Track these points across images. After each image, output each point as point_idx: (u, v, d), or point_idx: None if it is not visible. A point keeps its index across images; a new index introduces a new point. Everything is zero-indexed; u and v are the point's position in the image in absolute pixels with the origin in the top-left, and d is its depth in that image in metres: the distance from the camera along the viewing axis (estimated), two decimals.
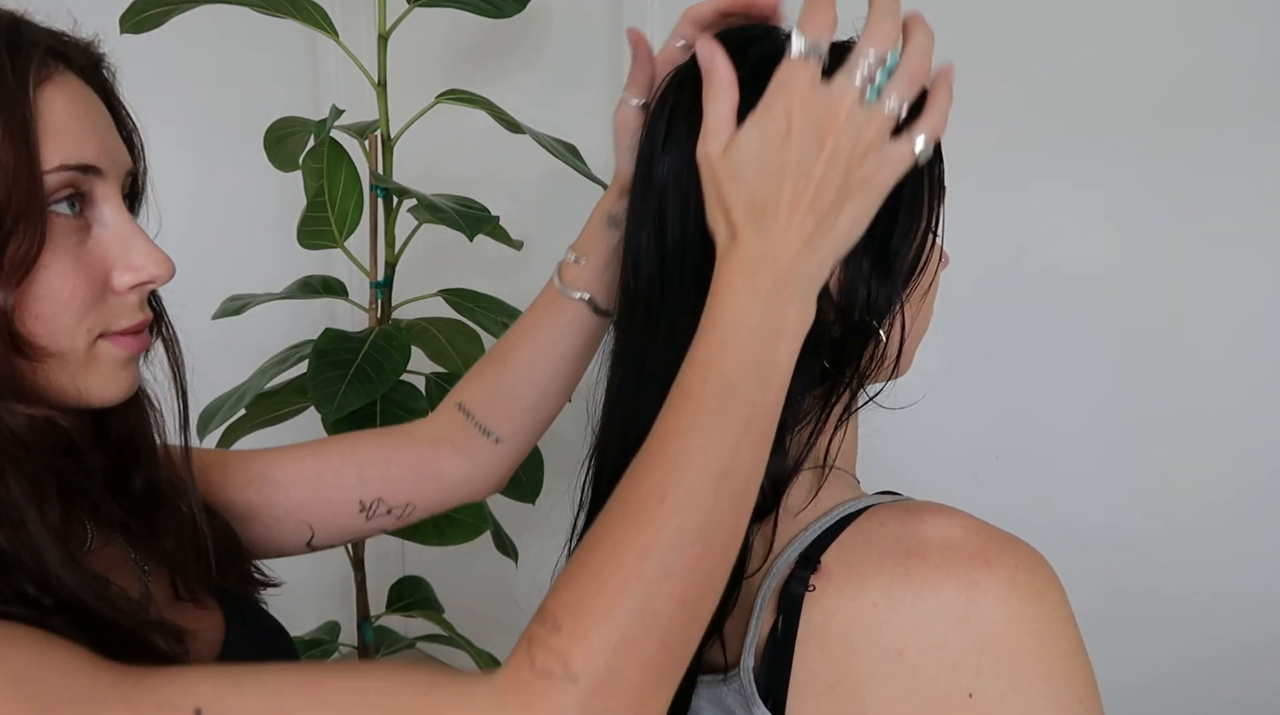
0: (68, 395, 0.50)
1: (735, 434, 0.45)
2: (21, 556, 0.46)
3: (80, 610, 0.47)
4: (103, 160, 0.49)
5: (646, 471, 0.45)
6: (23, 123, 0.45)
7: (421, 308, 1.43)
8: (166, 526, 0.60)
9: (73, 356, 0.49)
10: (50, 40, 0.49)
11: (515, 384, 0.71)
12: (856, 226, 0.48)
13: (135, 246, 0.51)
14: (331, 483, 0.71)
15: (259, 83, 1.95)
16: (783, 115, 0.46)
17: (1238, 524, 1.20)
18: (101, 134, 0.50)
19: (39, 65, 0.47)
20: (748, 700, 0.52)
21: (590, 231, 0.68)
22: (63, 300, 0.48)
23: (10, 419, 0.46)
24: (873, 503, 0.54)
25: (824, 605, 0.50)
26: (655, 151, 0.55)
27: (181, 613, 0.59)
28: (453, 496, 0.75)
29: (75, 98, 0.49)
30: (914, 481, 1.10)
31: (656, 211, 0.55)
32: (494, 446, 0.73)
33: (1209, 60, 1.14)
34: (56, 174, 0.47)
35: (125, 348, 0.52)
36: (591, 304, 0.68)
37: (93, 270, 0.50)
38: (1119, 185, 1.22)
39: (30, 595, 0.45)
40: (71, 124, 0.48)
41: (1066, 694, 0.46)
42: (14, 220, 0.44)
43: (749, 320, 0.46)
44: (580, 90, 1.74)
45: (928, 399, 1.41)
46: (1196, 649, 1.26)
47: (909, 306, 0.55)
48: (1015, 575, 0.47)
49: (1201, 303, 1.19)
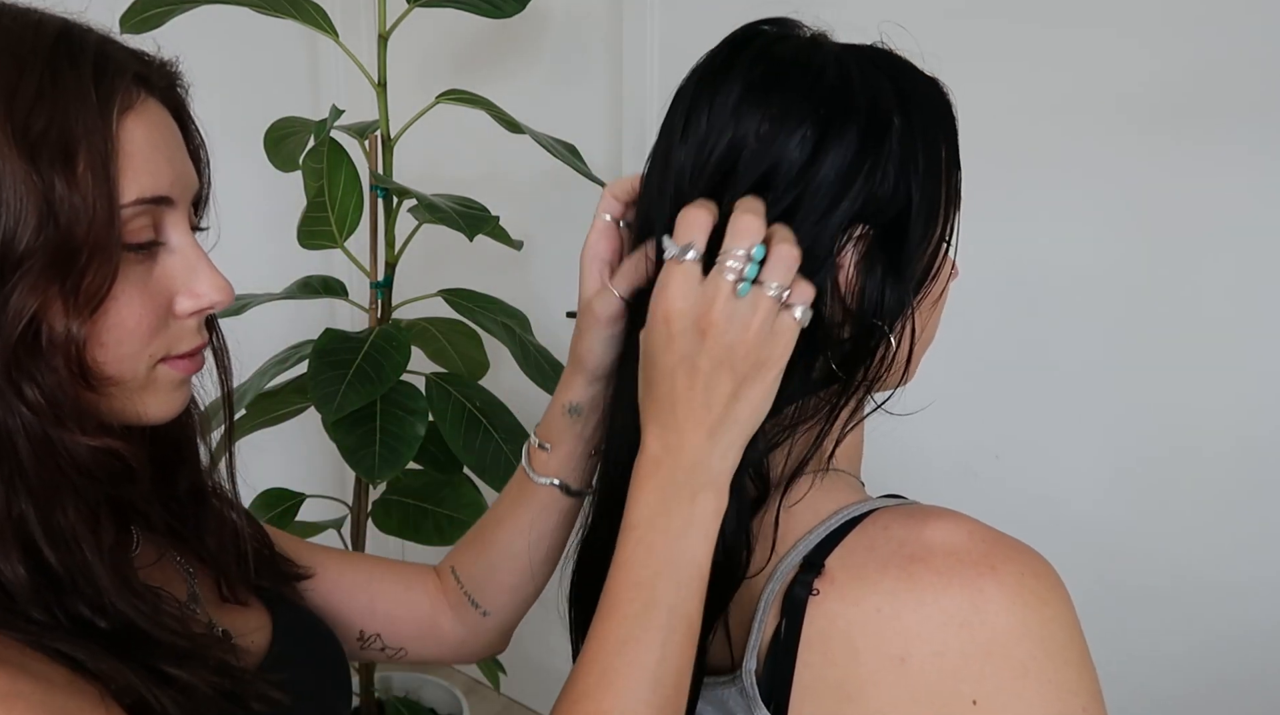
0: (125, 416, 0.50)
1: (660, 640, 0.48)
2: (76, 580, 0.46)
3: (132, 631, 0.47)
4: (175, 189, 0.49)
5: (582, 691, 0.48)
6: (104, 157, 0.45)
7: (421, 308, 1.43)
8: (210, 528, 0.60)
9: (133, 381, 0.49)
10: (136, 66, 0.49)
11: (496, 563, 0.72)
12: (759, 409, 0.50)
13: (200, 273, 0.51)
14: (343, 601, 0.72)
15: (259, 83, 1.95)
16: (663, 319, 0.49)
17: (1238, 524, 1.20)
18: (175, 161, 0.50)
19: (123, 94, 0.47)
20: (750, 703, 0.52)
21: (551, 419, 0.67)
22: (128, 328, 0.48)
23: (74, 449, 0.46)
24: (877, 506, 0.54)
25: (827, 609, 0.50)
26: (673, 143, 0.55)
27: (228, 613, 0.60)
28: (445, 654, 0.76)
29: (154, 125, 0.49)
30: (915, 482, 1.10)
31: (673, 199, 0.54)
32: (482, 618, 0.74)
33: (1209, 60, 1.13)
34: (132, 208, 0.47)
35: (182, 371, 0.52)
36: (563, 487, 0.68)
37: (159, 297, 0.50)
38: (1119, 186, 1.22)
39: (85, 617, 0.46)
40: (150, 154, 0.48)
41: (1071, 701, 0.46)
42: (90, 254, 0.44)
43: (658, 519, 0.49)
44: (580, 90, 1.74)
45: (928, 400, 1.41)
46: (1196, 648, 1.26)
47: (919, 313, 0.55)
48: (1020, 581, 0.47)
49: (1201, 303, 1.19)
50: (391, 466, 1.20)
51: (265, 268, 1.64)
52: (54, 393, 0.44)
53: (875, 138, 0.51)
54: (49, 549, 0.45)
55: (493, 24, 1.46)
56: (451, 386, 1.32)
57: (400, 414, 1.24)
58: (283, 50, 2.00)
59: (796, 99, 0.51)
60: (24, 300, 0.43)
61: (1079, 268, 1.27)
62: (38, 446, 0.44)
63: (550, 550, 0.71)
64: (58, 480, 0.45)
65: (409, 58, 1.78)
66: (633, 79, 1.60)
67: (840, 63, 0.53)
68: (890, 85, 0.53)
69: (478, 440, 1.29)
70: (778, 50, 0.54)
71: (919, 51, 0.57)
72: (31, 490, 0.44)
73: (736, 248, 0.48)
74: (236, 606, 0.61)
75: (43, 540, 0.45)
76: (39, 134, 0.43)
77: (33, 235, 0.43)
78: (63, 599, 0.45)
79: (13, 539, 0.44)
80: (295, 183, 1.32)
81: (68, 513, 0.46)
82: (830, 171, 0.50)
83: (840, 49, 0.54)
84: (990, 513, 0.53)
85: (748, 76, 0.52)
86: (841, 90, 0.52)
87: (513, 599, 0.73)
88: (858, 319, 0.53)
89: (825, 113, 0.51)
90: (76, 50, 0.46)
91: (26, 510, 0.44)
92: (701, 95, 0.54)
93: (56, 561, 0.45)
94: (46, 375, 0.44)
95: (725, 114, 0.52)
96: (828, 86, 0.52)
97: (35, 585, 0.44)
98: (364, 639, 0.73)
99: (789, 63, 0.53)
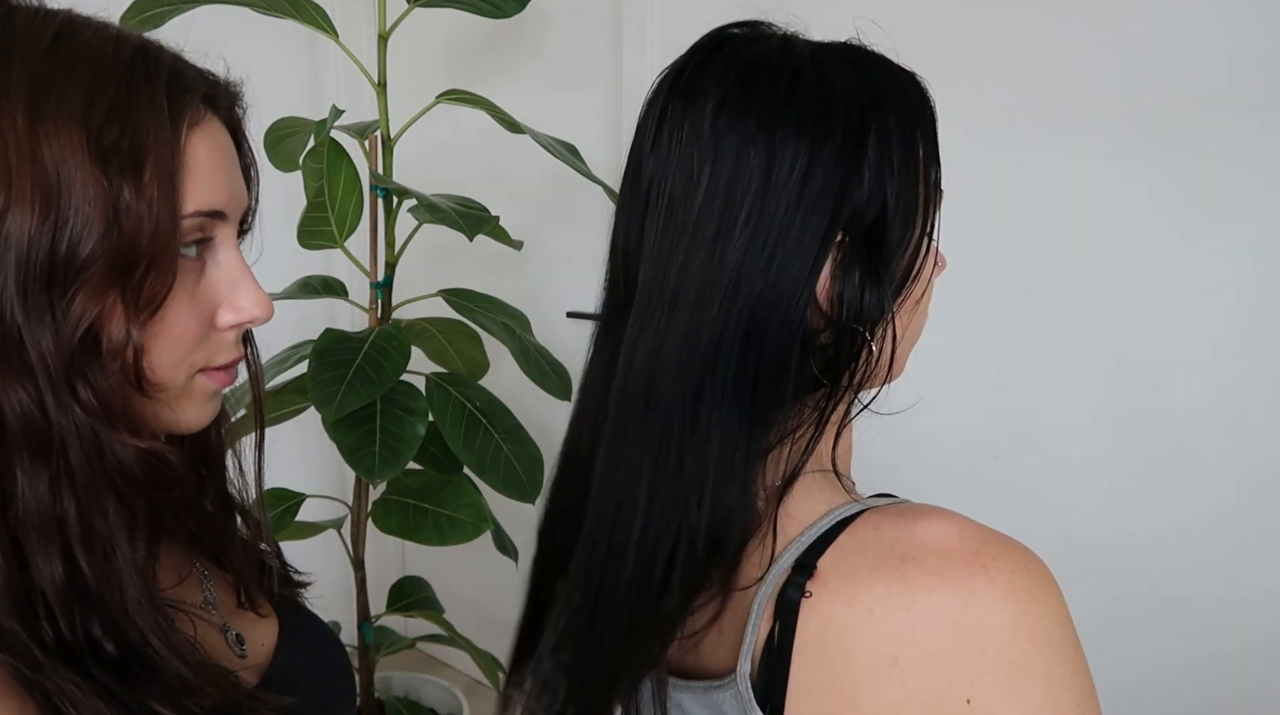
0: (163, 423, 0.51)
1: None
2: (101, 590, 0.46)
3: (138, 657, 0.47)
4: (229, 205, 0.51)
5: None
6: (171, 168, 0.47)
7: (421, 308, 1.43)
8: (234, 538, 0.62)
9: (173, 390, 0.50)
10: (205, 86, 0.51)
11: None
12: None
13: (243, 288, 0.52)
14: None
15: (259, 83, 1.94)
16: None
17: (1238, 523, 1.20)
18: (231, 178, 0.52)
19: (192, 111, 0.48)
20: (745, 706, 0.51)
21: None
22: (175, 337, 0.49)
23: (120, 450, 0.47)
24: (869, 507, 0.53)
25: (820, 611, 0.50)
26: (645, 150, 0.55)
27: (241, 618, 0.61)
28: None
29: (216, 142, 0.50)
30: (914, 482, 1.10)
31: (641, 214, 0.55)
32: None
33: (1208, 57, 1.13)
34: (191, 219, 0.48)
35: (218, 382, 0.54)
36: None
37: (203, 309, 0.51)
38: (1118, 186, 1.22)
39: (95, 637, 0.46)
40: (210, 169, 0.49)
41: (1064, 698, 0.46)
42: (150, 261, 0.46)
43: None
44: (580, 90, 1.74)
45: (928, 400, 1.41)
46: (1197, 648, 1.26)
47: (902, 312, 0.55)
48: (1012, 580, 0.47)
49: (1201, 303, 1.19)
50: (391, 466, 1.20)
51: (265, 267, 1.64)
52: (107, 396, 0.46)
53: (852, 150, 0.51)
54: (83, 552, 0.46)
55: (493, 24, 1.46)
56: (451, 386, 1.32)
57: (400, 414, 1.24)
58: (283, 50, 2.00)
59: (771, 117, 0.51)
60: (86, 304, 0.44)
61: (1080, 267, 1.27)
62: (88, 447, 0.45)
63: None
64: (103, 482, 0.46)
65: (409, 58, 1.78)
66: (633, 79, 1.61)
67: (815, 65, 0.53)
68: (865, 85, 0.52)
69: (478, 440, 1.29)
70: (749, 55, 0.53)
71: (892, 46, 0.56)
72: (76, 490, 0.46)
73: None
74: (250, 612, 0.62)
75: (78, 543, 0.46)
76: (112, 143, 0.44)
77: (98, 241, 0.44)
78: (83, 611, 0.46)
79: (56, 538, 0.45)
80: (295, 183, 1.32)
81: (108, 516, 0.47)
82: (810, 190, 0.50)
83: (814, 50, 0.54)
84: (990, 513, 0.53)
85: (720, 88, 0.52)
86: (817, 102, 0.51)
87: None
88: (837, 325, 0.53)
89: (803, 130, 0.51)
90: (153, 67, 0.48)
91: (69, 511, 0.45)
92: (673, 106, 0.54)
93: (88, 565, 0.46)
94: (102, 378, 0.46)
95: (703, 133, 0.52)
96: (802, 99, 0.51)
97: (65, 590, 0.45)
98: None
99: (761, 70, 0.52)
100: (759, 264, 0.50)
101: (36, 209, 0.43)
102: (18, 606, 0.44)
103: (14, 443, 0.44)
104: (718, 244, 0.51)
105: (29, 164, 0.43)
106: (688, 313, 0.52)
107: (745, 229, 0.50)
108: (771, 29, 0.56)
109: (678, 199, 0.52)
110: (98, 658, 0.46)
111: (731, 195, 0.51)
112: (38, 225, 0.43)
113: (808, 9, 0.61)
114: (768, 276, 0.50)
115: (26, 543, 0.44)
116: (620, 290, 0.58)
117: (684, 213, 0.52)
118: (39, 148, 0.43)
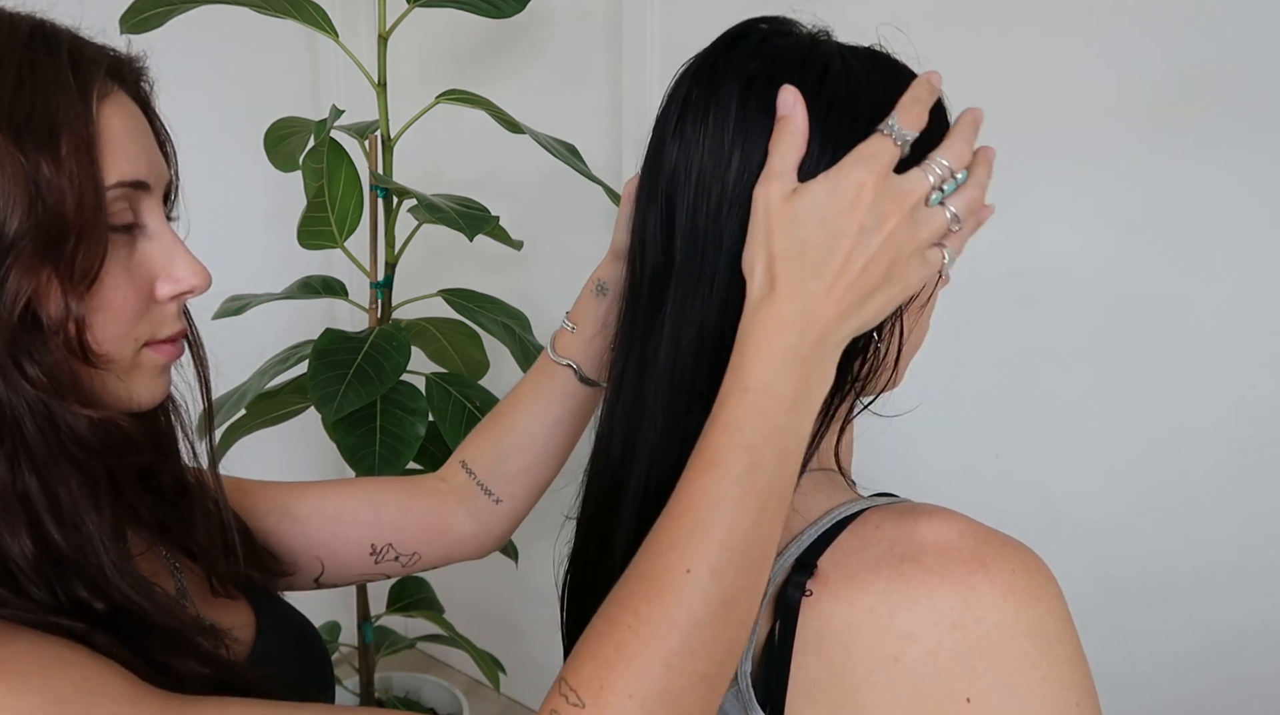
0: (118, 400, 0.52)
1: (758, 504, 0.46)
2: (78, 559, 0.47)
3: (128, 615, 0.48)
4: (150, 175, 0.51)
5: (670, 541, 0.46)
6: (86, 140, 0.47)
7: (421, 308, 1.43)
8: (197, 521, 0.62)
9: (120, 364, 0.51)
10: (108, 59, 0.51)
11: (510, 447, 0.73)
12: (881, 313, 0.50)
13: (177, 258, 0.53)
14: (349, 521, 0.73)
15: (259, 83, 1.95)
16: (856, 184, 0.47)
17: (1238, 524, 1.20)
18: (148, 149, 0.52)
19: (99, 83, 0.49)
20: (745, 706, 0.51)
21: (582, 299, 0.69)
22: (115, 310, 0.49)
23: (73, 421, 0.47)
24: (869, 505, 0.54)
25: (820, 610, 0.50)
26: (665, 137, 0.55)
27: (216, 608, 0.61)
28: (457, 551, 0.77)
29: (127, 115, 0.50)
30: (914, 482, 1.10)
31: (664, 197, 0.54)
32: (495, 506, 0.75)
33: (1207, 58, 1.13)
34: (114, 190, 0.48)
35: (165, 355, 0.54)
36: (577, 373, 0.69)
37: (140, 281, 0.51)
38: (1115, 187, 1.22)
39: (83, 599, 0.47)
40: (126, 141, 0.50)
41: (1064, 697, 0.46)
42: (80, 235, 0.46)
43: (776, 386, 0.47)
44: (580, 90, 1.74)
45: (928, 400, 1.41)
46: (1197, 649, 1.26)
47: (907, 318, 0.55)
48: (1012, 579, 0.47)
49: (1199, 303, 1.19)
50: (391, 466, 1.20)
51: (265, 268, 1.64)
52: (54, 370, 0.46)
53: None
54: (53, 524, 0.47)
55: (493, 24, 1.46)
56: (451, 386, 1.32)
57: (400, 414, 1.25)
58: (283, 50, 2.00)
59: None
60: (20, 282, 0.45)
61: (1079, 267, 1.27)
62: (41, 422, 0.46)
63: (563, 439, 0.72)
64: (60, 454, 0.47)
65: (409, 58, 1.78)
66: (633, 79, 1.60)
67: (843, 61, 0.53)
68: (887, 87, 0.52)
69: None
70: (777, 45, 0.53)
71: (915, 55, 0.57)
72: (35, 465, 0.46)
73: (944, 159, 0.48)
74: (223, 601, 0.62)
75: (46, 515, 0.46)
76: (22, 119, 0.45)
77: (23, 218, 0.44)
78: (64, 578, 0.47)
79: (20, 514, 0.46)
80: (295, 183, 1.32)
81: (70, 487, 0.47)
82: None
83: (840, 48, 0.54)
84: (990, 513, 0.53)
85: (746, 74, 0.52)
86: (846, 95, 0.51)
87: (526, 485, 0.74)
88: None
89: (831, 121, 0.50)
90: (52, 42, 0.48)
91: (31, 485, 0.46)
92: (697, 91, 0.53)
93: (60, 537, 0.47)
94: (45, 354, 0.46)
95: (730, 116, 0.52)
96: (832, 90, 0.51)
97: (39, 562, 0.46)
98: (376, 552, 0.74)
99: (790, 60, 0.52)
100: None
101: None
102: (3, 579, 0.45)
103: None
104: None
105: None
106: (724, 289, 0.52)
107: None
108: (797, 26, 0.56)
109: (709, 176, 0.52)
110: (90, 616, 0.47)
111: None
112: None
113: (807, 8, 0.61)
114: None
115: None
116: (645, 279, 0.56)
117: (717, 190, 0.52)
118: None
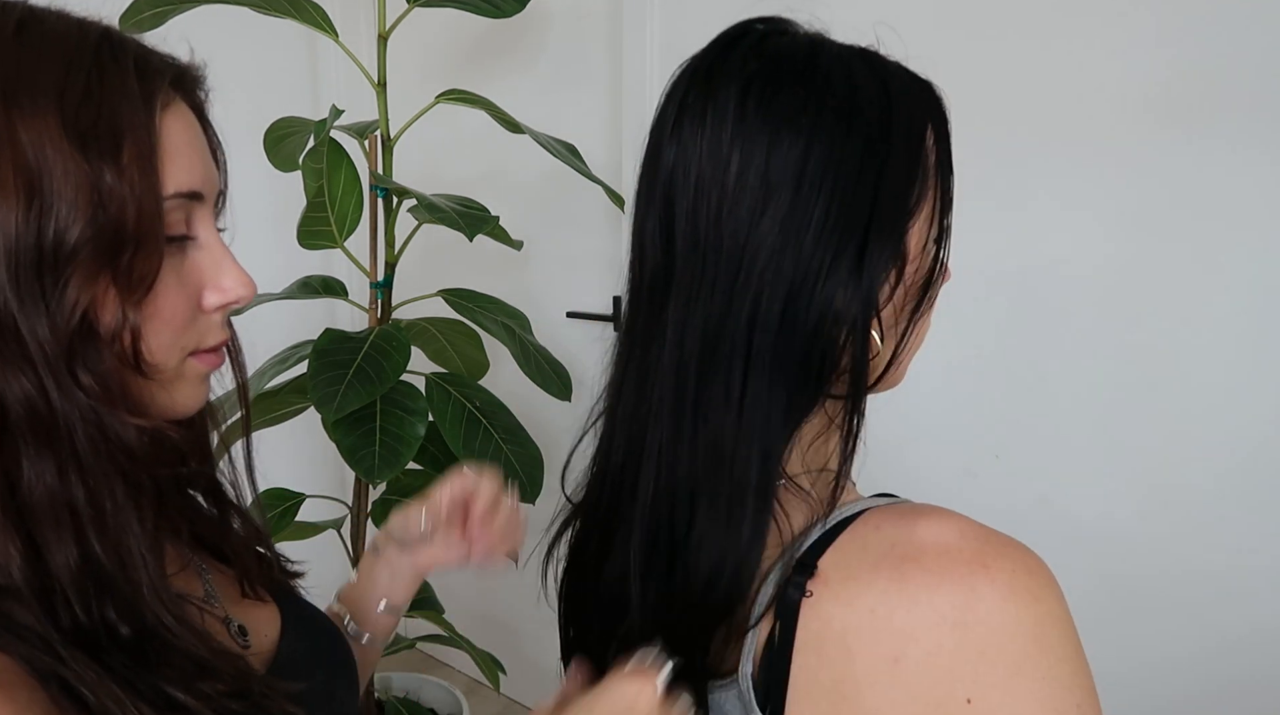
0: (162, 409, 0.52)
1: None
2: (116, 574, 0.47)
3: (152, 640, 0.48)
4: (205, 185, 0.52)
5: None
6: (148, 150, 0.47)
7: (421, 308, 1.43)
8: (230, 527, 0.62)
9: (166, 372, 0.51)
10: (172, 69, 0.51)
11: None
12: None
13: (225, 268, 0.53)
14: None
15: (259, 83, 1.95)
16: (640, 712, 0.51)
17: (1238, 524, 1.20)
18: (204, 159, 0.52)
19: (163, 93, 0.49)
20: (746, 706, 0.51)
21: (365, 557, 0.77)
22: (166, 318, 0.50)
23: (124, 431, 0.47)
24: (869, 506, 0.53)
25: (821, 611, 0.50)
26: (663, 140, 0.55)
27: (244, 608, 0.62)
28: None
29: (187, 125, 0.51)
30: (914, 482, 1.10)
31: (663, 200, 0.54)
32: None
33: (1212, 60, 1.13)
34: (172, 201, 0.49)
35: (208, 364, 0.54)
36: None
37: (189, 290, 0.52)
38: (1114, 189, 1.22)
39: (110, 621, 0.47)
40: (185, 151, 0.50)
41: (1065, 698, 0.46)
42: (139, 243, 0.46)
43: None
44: (580, 90, 1.74)
45: (928, 400, 1.41)
46: (1197, 649, 1.26)
47: (902, 318, 0.55)
48: (1012, 579, 0.47)
49: (1197, 303, 1.19)
50: (391, 467, 1.20)
51: (265, 268, 1.64)
52: (106, 379, 0.46)
53: (874, 152, 0.51)
54: (96, 537, 0.46)
55: (493, 24, 1.46)
56: (451, 386, 1.32)
57: (400, 414, 1.25)
58: (283, 50, 2.00)
59: (802, 105, 0.50)
60: (79, 290, 0.45)
61: (1080, 268, 1.27)
62: (92, 430, 0.46)
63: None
64: (109, 464, 0.47)
65: (409, 58, 1.78)
66: (633, 79, 1.60)
67: (842, 63, 0.52)
68: (885, 89, 0.52)
69: (478, 440, 1.29)
70: (774, 46, 0.53)
71: (906, 54, 0.56)
72: (85, 474, 0.46)
73: None
74: (251, 602, 0.63)
75: (91, 526, 0.46)
76: (88, 126, 0.45)
77: (84, 226, 0.44)
78: (100, 596, 0.46)
79: (68, 523, 0.46)
80: (295, 183, 1.32)
81: (116, 497, 0.47)
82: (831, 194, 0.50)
83: (838, 49, 0.54)
84: (990, 513, 0.53)
85: (744, 75, 0.52)
86: (846, 96, 0.51)
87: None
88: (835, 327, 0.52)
89: (827, 123, 0.50)
90: (119, 51, 0.48)
91: (78, 495, 0.46)
92: (694, 93, 0.53)
93: (102, 550, 0.46)
94: (100, 362, 0.46)
95: (728, 118, 0.51)
96: (831, 92, 0.51)
97: (81, 575, 0.46)
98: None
99: (788, 62, 0.52)
100: (790, 245, 0.50)
101: (20, 197, 0.43)
102: (36, 596, 0.45)
103: (19, 432, 0.44)
104: (753, 223, 0.51)
105: (8, 151, 0.43)
106: (726, 291, 0.52)
107: (779, 209, 0.50)
108: (794, 26, 0.56)
109: (707, 179, 0.52)
110: (113, 641, 0.47)
111: (765, 178, 0.50)
112: (23, 213, 0.43)
113: (804, 8, 0.61)
114: (798, 259, 0.50)
115: (38, 531, 0.45)
116: (645, 283, 0.56)
117: (716, 192, 0.52)
118: (16, 135, 0.43)
